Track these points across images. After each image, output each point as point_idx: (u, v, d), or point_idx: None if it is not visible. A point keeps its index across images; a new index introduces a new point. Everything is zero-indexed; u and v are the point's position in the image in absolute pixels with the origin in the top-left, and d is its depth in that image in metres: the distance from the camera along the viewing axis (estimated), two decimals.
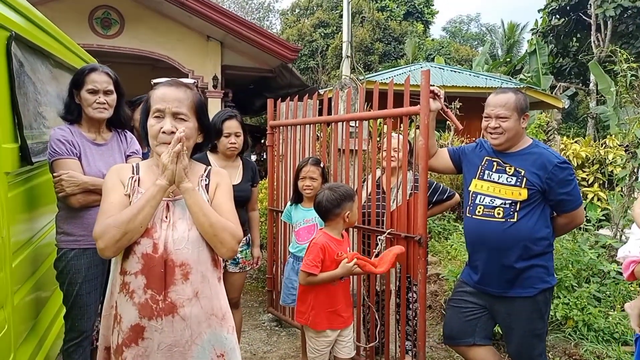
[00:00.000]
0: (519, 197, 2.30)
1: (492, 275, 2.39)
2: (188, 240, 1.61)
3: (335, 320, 2.55)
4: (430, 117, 2.65)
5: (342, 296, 2.57)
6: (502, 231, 2.32)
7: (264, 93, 11.27)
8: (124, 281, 1.59)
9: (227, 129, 2.92)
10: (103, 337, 1.70)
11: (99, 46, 8.11)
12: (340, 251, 2.51)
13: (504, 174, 2.37)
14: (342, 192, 2.55)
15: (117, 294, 1.61)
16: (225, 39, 8.83)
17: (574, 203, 2.34)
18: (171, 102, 1.60)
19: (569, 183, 2.31)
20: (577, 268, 4.01)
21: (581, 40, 18.77)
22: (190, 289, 1.61)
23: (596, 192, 7.24)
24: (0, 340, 1.79)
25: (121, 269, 1.60)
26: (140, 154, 2.54)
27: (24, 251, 2.19)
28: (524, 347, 2.42)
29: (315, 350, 2.58)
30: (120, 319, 1.60)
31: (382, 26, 21.51)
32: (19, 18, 2.19)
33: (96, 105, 2.29)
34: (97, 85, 2.29)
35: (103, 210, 1.58)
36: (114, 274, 1.67)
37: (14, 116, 2.08)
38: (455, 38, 35.03)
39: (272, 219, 4.10)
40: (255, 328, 4.01)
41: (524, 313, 2.36)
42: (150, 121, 1.61)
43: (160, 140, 1.59)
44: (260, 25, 23.29)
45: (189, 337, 1.62)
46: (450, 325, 2.57)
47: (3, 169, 1.93)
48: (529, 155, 2.35)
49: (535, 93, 12.21)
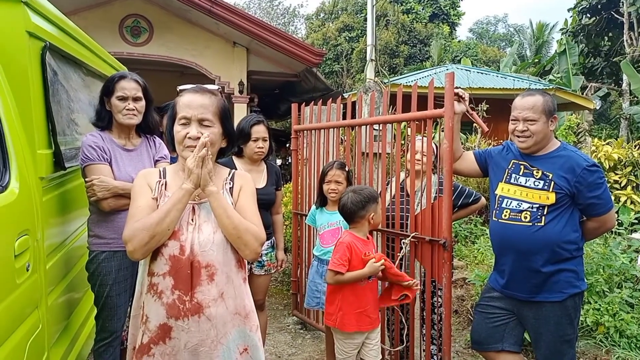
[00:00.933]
0: (546, 201, 2.26)
1: (519, 280, 2.36)
2: (213, 242, 1.66)
3: (363, 322, 2.56)
4: (455, 120, 2.63)
5: (371, 297, 2.58)
6: (529, 235, 2.28)
7: (289, 97, 11.34)
8: (151, 282, 1.64)
9: (255, 133, 2.96)
10: (132, 337, 1.75)
11: (129, 54, 8.31)
12: (368, 251, 2.52)
13: (531, 178, 2.33)
14: (367, 194, 2.58)
15: (144, 294, 1.66)
16: (250, 44, 8.93)
17: (604, 207, 2.28)
18: (196, 108, 1.64)
19: (599, 186, 2.25)
20: (608, 273, 3.91)
21: (613, 39, 18.27)
22: (216, 289, 1.66)
23: (629, 195, 7.03)
24: (35, 339, 1.85)
25: (149, 270, 1.66)
26: (169, 159, 2.60)
27: (58, 253, 2.27)
28: (553, 354, 2.37)
29: (344, 352, 2.59)
30: (147, 319, 1.65)
31: (407, 28, 21.41)
32: (52, 28, 2.28)
33: (125, 112, 2.36)
34: (126, 92, 2.36)
35: (132, 214, 1.64)
36: (142, 275, 1.72)
37: (48, 123, 2.16)
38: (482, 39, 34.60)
39: (297, 222, 4.12)
40: (280, 331, 4.04)
41: (553, 318, 2.31)
42: (176, 127, 1.66)
43: (186, 144, 1.64)
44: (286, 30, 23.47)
45: (214, 337, 1.66)
46: (478, 331, 2.54)
47: (38, 174, 2.01)
48: (557, 158, 2.31)
49: (565, 94, 11.95)
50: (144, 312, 1.66)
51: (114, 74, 2.45)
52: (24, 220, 1.82)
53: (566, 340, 2.35)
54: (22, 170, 1.85)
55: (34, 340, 1.83)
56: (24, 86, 1.97)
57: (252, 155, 3.00)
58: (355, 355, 2.62)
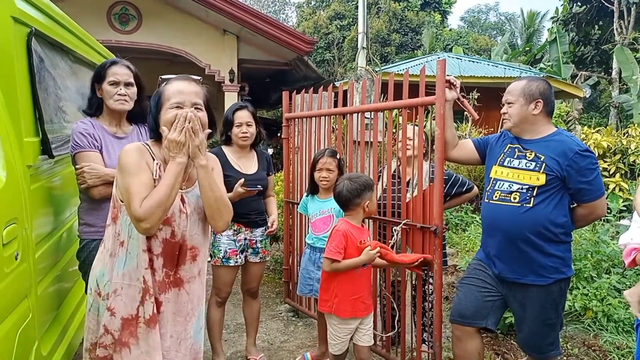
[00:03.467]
0: (536, 182, 2.29)
1: (507, 261, 2.39)
2: (198, 227, 1.86)
3: (359, 308, 2.59)
4: (447, 108, 2.64)
5: (366, 283, 2.60)
6: (517, 215, 2.32)
7: (280, 86, 11.28)
8: (150, 259, 1.76)
9: (238, 119, 2.98)
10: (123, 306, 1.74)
11: (118, 42, 8.22)
12: (363, 239, 2.54)
13: (523, 159, 2.37)
14: (362, 182, 2.60)
15: (143, 269, 1.74)
16: (241, 32, 8.85)
17: (595, 193, 2.30)
18: (189, 94, 1.77)
19: (590, 172, 2.27)
20: (597, 259, 3.96)
21: (603, 27, 18.33)
22: (196, 268, 1.88)
23: (618, 182, 7.11)
24: (25, 328, 1.85)
25: (147, 247, 1.75)
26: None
27: (47, 242, 2.25)
28: (535, 336, 2.42)
29: (337, 337, 2.63)
30: (149, 292, 1.76)
31: (399, 17, 21.31)
32: (38, 14, 2.24)
33: (117, 97, 2.33)
34: (118, 77, 2.33)
35: (136, 191, 1.66)
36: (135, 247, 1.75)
37: (35, 111, 2.13)
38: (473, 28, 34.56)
39: (288, 210, 4.12)
40: (273, 318, 4.06)
41: (538, 302, 2.35)
42: (170, 112, 1.73)
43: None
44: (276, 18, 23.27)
45: (190, 310, 1.87)
46: (466, 304, 2.51)
47: (25, 162, 1.98)
48: (551, 142, 2.34)
49: (556, 82, 12.00)
50: (148, 285, 1.75)
51: (106, 60, 2.43)
52: (11, 208, 1.80)
53: (549, 324, 2.38)
54: (9, 158, 1.83)
55: (24, 329, 1.82)
56: (9, 72, 1.94)
57: (238, 141, 3.00)
58: (348, 340, 2.65)
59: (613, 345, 3.32)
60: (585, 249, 3.99)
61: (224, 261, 2.97)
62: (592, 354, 3.30)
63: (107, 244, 1.82)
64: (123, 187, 1.70)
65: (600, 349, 3.32)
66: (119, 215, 1.78)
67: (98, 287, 1.80)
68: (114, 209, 1.81)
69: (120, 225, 1.77)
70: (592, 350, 3.33)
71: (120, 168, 1.72)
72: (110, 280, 1.76)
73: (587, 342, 3.43)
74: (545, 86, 2.41)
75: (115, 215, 1.80)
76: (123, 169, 1.71)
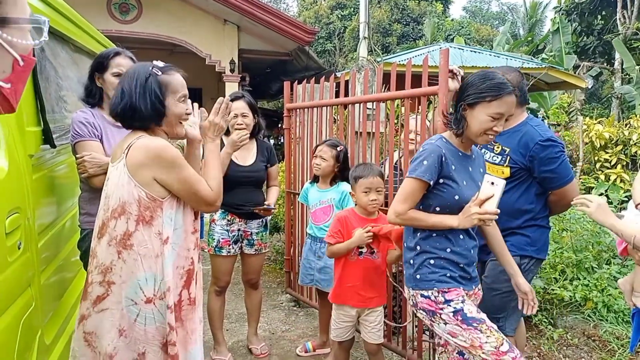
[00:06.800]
0: (501, 175, 2.36)
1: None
2: None
3: (352, 297, 2.59)
4: (449, 97, 2.63)
5: (362, 274, 2.59)
6: None
7: (281, 77, 11.24)
8: (196, 238, 1.88)
9: (233, 110, 2.93)
10: (170, 294, 1.77)
11: (118, 31, 8.17)
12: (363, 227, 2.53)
13: (491, 153, 2.46)
14: (353, 171, 2.67)
15: (192, 250, 1.85)
16: (241, 22, 8.80)
17: (560, 180, 2.34)
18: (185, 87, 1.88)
19: (553, 161, 2.31)
20: (597, 249, 3.96)
21: (606, 17, 18.19)
22: None
23: (619, 173, 7.10)
24: (29, 317, 1.85)
25: (194, 229, 1.87)
26: None
27: (49, 232, 2.25)
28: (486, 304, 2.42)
29: (335, 322, 2.67)
30: (196, 271, 1.87)
31: (401, 7, 21.16)
32: (39, 3, 2.22)
33: None
34: (122, 69, 2.31)
35: (198, 179, 1.82)
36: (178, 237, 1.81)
37: (36, 100, 2.12)
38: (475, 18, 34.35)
39: (290, 201, 4.13)
40: (274, 308, 4.08)
41: (492, 271, 2.40)
42: (180, 105, 1.84)
43: (184, 119, 1.87)
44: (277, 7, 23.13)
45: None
46: None
47: (27, 151, 1.98)
48: (516, 133, 2.39)
49: (558, 73, 11.92)
50: (195, 266, 1.86)
51: (108, 50, 2.40)
52: (13, 198, 1.80)
53: (500, 296, 2.38)
54: (11, 147, 1.82)
55: (27, 318, 1.83)
56: None
57: (233, 131, 2.99)
58: (348, 329, 2.67)
59: (613, 336, 3.34)
60: (586, 240, 4.00)
61: (216, 250, 2.99)
62: (591, 344, 3.32)
63: (140, 250, 1.74)
64: (180, 179, 1.75)
65: (600, 339, 3.34)
66: (157, 213, 1.75)
67: (144, 295, 1.75)
68: (145, 211, 1.74)
69: (162, 222, 1.75)
70: (592, 340, 3.35)
71: (168, 163, 1.73)
72: (163, 279, 1.75)
73: (587, 332, 3.44)
74: (517, 76, 2.43)
75: (148, 217, 1.74)
76: (175, 163, 1.74)
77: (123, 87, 1.78)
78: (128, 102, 1.76)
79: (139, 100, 1.75)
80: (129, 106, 1.76)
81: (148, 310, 1.76)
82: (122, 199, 1.75)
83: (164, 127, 1.84)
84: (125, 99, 1.76)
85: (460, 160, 1.98)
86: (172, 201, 1.77)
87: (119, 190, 1.76)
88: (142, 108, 1.76)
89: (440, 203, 1.95)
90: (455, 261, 1.97)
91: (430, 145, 1.95)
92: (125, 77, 1.82)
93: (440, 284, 1.94)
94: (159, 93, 1.76)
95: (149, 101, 1.76)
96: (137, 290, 1.75)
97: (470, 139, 1.95)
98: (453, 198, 1.92)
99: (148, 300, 1.75)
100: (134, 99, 1.75)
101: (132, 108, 1.76)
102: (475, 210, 1.84)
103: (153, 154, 1.71)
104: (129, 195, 1.74)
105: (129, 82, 1.78)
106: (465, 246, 1.99)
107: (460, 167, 1.97)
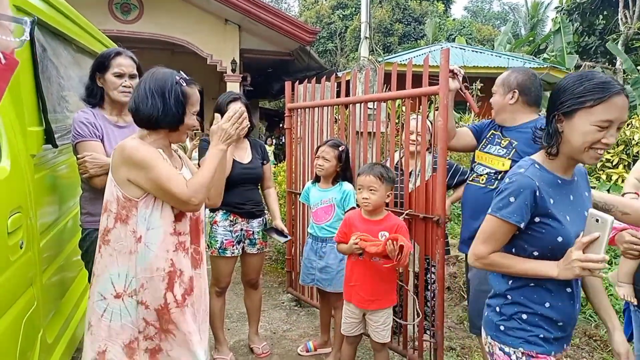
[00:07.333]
0: (502, 167, 2.41)
1: (465, 235, 2.53)
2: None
3: (354, 296, 2.62)
4: (450, 97, 2.63)
5: (363, 275, 2.60)
6: (480, 195, 2.45)
7: (282, 77, 11.24)
8: (179, 241, 1.84)
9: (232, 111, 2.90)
10: (152, 298, 1.78)
11: (119, 31, 8.17)
12: (367, 232, 2.53)
13: (497, 146, 2.50)
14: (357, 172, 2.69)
15: (171, 252, 1.81)
16: (243, 22, 8.80)
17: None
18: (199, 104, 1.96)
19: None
20: None
21: (608, 17, 18.15)
22: (203, 240, 2.03)
23: (621, 173, 7.08)
24: (30, 316, 1.86)
25: (175, 230, 1.83)
26: None
27: (51, 231, 2.26)
28: (473, 307, 2.49)
29: (344, 317, 2.73)
30: (181, 273, 1.84)
31: (402, 6, 21.16)
32: (40, 3, 2.23)
33: (122, 89, 2.32)
34: (123, 69, 2.32)
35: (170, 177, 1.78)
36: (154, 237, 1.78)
37: (38, 100, 2.13)
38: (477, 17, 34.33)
39: (291, 201, 4.13)
40: (275, 308, 4.08)
41: (478, 272, 2.39)
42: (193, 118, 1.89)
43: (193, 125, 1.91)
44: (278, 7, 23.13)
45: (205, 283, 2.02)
46: None
47: (29, 151, 1.99)
48: (527, 130, 2.38)
49: (560, 73, 11.94)
50: (176, 267, 1.82)
51: (109, 50, 2.40)
52: (16, 197, 1.80)
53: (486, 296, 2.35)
54: (13, 147, 1.83)
55: (29, 317, 1.84)
56: None
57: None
58: (354, 325, 2.69)
59: None
60: None
61: (220, 252, 2.97)
62: (593, 343, 3.32)
63: (115, 246, 1.79)
64: (149, 178, 1.73)
65: (601, 339, 3.34)
66: (133, 212, 1.77)
67: (115, 289, 1.78)
68: (122, 210, 1.77)
69: (137, 221, 1.76)
70: (593, 340, 3.34)
71: (137, 163, 1.73)
72: (135, 276, 1.78)
73: (589, 332, 3.44)
74: (524, 77, 2.45)
75: (124, 215, 1.77)
76: (143, 164, 1.73)
77: (152, 89, 1.79)
78: (162, 104, 1.78)
79: (171, 104, 1.78)
80: (162, 108, 1.78)
81: (115, 305, 1.78)
82: (106, 197, 1.83)
83: (174, 133, 1.87)
84: (157, 100, 1.78)
85: (559, 190, 1.57)
86: (147, 201, 1.77)
87: (106, 189, 1.85)
88: (172, 112, 1.79)
89: (539, 246, 1.55)
90: (554, 319, 1.56)
91: (519, 177, 1.55)
92: (150, 79, 1.82)
93: (528, 346, 1.56)
94: (182, 101, 1.81)
95: (172, 107, 1.79)
96: (108, 285, 1.79)
97: (571, 157, 1.55)
98: (555, 240, 1.52)
99: (117, 296, 1.79)
100: (167, 102, 1.78)
101: (164, 110, 1.78)
102: (577, 257, 1.43)
103: (126, 156, 1.75)
104: (110, 194, 1.81)
105: (159, 85, 1.79)
106: (570, 301, 1.58)
107: (560, 198, 1.56)
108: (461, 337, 3.53)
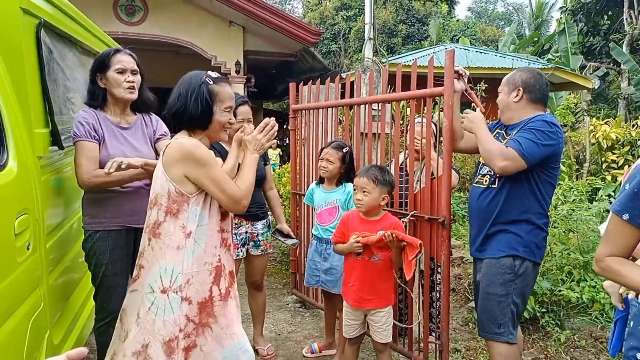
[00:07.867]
0: None
1: (474, 238, 2.52)
2: None
3: (352, 296, 2.62)
4: (455, 99, 2.62)
5: (360, 275, 2.59)
6: (482, 197, 2.44)
7: (286, 78, 11.24)
8: (223, 237, 1.97)
9: (240, 114, 2.88)
10: (196, 292, 1.85)
11: (124, 33, 8.19)
12: (366, 230, 2.54)
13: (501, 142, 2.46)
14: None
15: (218, 248, 1.93)
16: (247, 23, 8.81)
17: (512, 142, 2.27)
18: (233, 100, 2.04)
19: (528, 131, 2.28)
20: None
21: (612, 17, 18.07)
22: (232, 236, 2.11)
23: None
24: (37, 317, 1.87)
25: (220, 228, 1.96)
26: (169, 135, 2.56)
27: (57, 233, 2.27)
28: (481, 310, 2.47)
29: (344, 319, 2.73)
30: (225, 268, 1.96)
31: (406, 7, 21.13)
32: (47, 5, 2.24)
33: (126, 84, 2.32)
34: (125, 65, 2.32)
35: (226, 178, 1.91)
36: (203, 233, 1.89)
37: (44, 102, 2.14)
38: (481, 18, 34.25)
39: (295, 202, 4.13)
40: (280, 309, 4.08)
41: (487, 275, 2.41)
42: (225, 115, 1.97)
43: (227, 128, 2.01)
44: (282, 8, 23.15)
45: None
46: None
47: (36, 153, 2.00)
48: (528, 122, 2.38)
49: (564, 73, 11.87)
50: (222, 262, 1.94)
51: (107, 49, 2.42)
52: (23, 199, 1.81)
53: (496, 300, 2.38)
54: (20, 149, 1.84)
55: (36, 318, 1.84)
56: (19, 64, 1.94)
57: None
58: (355, 326, 2.69)
59: None
60: (592, 241, 3.97)
61: None
62: (599, 345, 3.30)
63: (165, 240, 1.86)
64: (208, 176, 1.84)
65: (607, 341, 3.32)
66: (184, 207, 1.85)
67: (162, 284, 1.83)
68: (172, 204, 1.85)
69: (187, 217, 1.85)
70: (599, 342, 3.33)
71: (197, 160, 1.83)
72: (182, 272, 1.83)
73: (594, 334, 3.42)
74: (528, 75, 2.43)
75: (175, 209, 1.85)
76: (203, 162, 1.84)
77: (180, 90, 1.92)
78: (182, 104, 1.90)
79: (191, 103, 1.89)
80: (182, 108, 1.90)
81: (161, 300, 1.83)
82: (155, 191, 1.91)
83: (208, 131, 1.97)
84: (181, 101, 1.90)
85: None
86: (199, 198, 1.87)
87: (155, 183, 1.92)
88: (192, 111, 1.90)
89: None
90: None
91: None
92: (181, 82, 1.95)
93: None
94: (209, 100, 1.90)
95: (199, 106, 1.89)
96: (157, 278, 1.85)
97: None
98: None
99: (164, 290, 1.83)
100: (187, 102, 1.89)
101: (184, 110, 1.90)
102: None
103: (185, 153, 1.84)
104: (161, 188, 1.88)
105: (185, 86, 1.92)
106: None
107: None
108: (466, 338, 3.52)
